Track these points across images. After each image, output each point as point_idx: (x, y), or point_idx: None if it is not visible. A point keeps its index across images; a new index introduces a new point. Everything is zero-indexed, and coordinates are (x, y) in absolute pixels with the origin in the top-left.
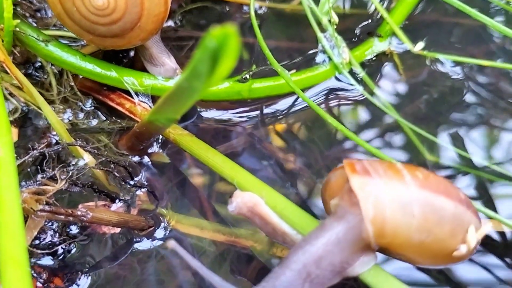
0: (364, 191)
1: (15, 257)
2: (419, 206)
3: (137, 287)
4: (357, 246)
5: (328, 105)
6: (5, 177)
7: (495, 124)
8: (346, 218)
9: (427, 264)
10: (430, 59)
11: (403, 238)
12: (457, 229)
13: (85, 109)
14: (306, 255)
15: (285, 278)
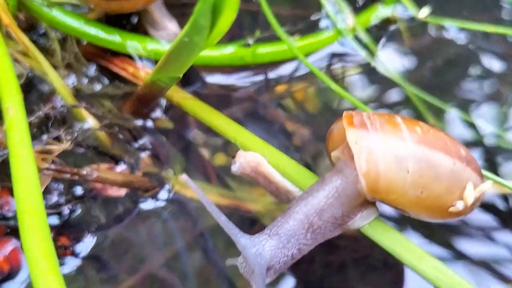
0: (359, 144)
1: (32, 208)
2: (414, 161)
3: (142, 248)
4: (356, 200)
5: (331, 71)
6: (18, 134)
7: (501, 91)
8: (343, 172)
9: (423, 217)
10: (435, 25)
11: (398, 193)
12: (455, 186)
13: (89, 75)
14: (308, 206)
15: (288, 226)
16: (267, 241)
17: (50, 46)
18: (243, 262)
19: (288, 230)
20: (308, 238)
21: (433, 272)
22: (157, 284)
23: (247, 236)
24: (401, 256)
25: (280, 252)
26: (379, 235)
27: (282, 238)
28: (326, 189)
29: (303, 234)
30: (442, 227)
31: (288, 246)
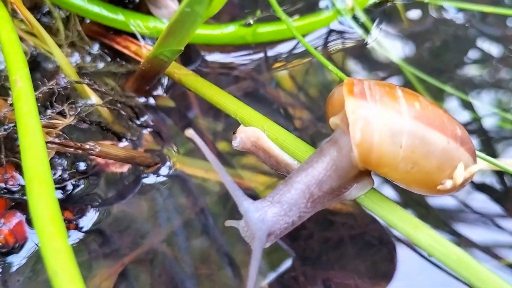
0: (356, 114)
1: (40, 175)
2: (408, 137)
3: (144, 224)
4: (351, 172)
5: (330, 50)
6: (26, 105)
7: (498, 73)
8: (339, 143)
9: (412, 190)
10: (434, 6)
11: (389, 167)
12: (445, 165)
13: (92, 53)
14: (308, 177)
15: (290, 195)
16: (270, 208)
17: (54, 25)
18: (244, 226)
19: (290, 199)
20: (308, 207)
21: (428, 241)
22: (158, 259)
23: (250, 201)
24: (396, 225)
25: (282, 219)
26: (375, 205)
27: (284, 206)
28: (325, 160)
29: (303, 203)
30: (437, 207)
31: (290, 214)
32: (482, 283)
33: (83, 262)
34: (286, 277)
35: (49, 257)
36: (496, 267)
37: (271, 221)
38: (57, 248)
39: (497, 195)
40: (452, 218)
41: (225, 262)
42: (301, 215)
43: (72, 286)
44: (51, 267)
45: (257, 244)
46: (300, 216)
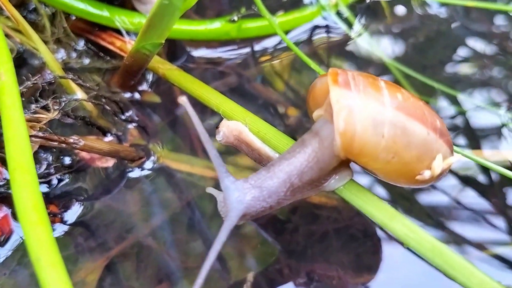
0: (340, 103)
1: (23, 165)
2: (390, 127)
3: (130, 218)
4: (332, 164)
5: (314, 46)
6: (9, 98)
7: (482, 68)
8: (320, 135)
9: (391, 181)
10: (417, 2)
11: (370, 156)
12: (425, 155)
13: (78, 49)
14: (291, 167)
15: (271, 183)
16: (250, 191)
17: (40, 22)
18: (222, 201)
19: (271, 186)
20: (287, 195)
21: (404, 230)
22: (144, 252)
23: (232, 179)
24: (373, 215)
25: (259, 204)
26: (353, 195)
27: (264, 192)
28: (307, 152)
29: (283, 192)
30: (421, 200)
31: (268, 200)
32: (456, 271)
33: (68, 256)
34: (271, 269)
35: (31, 243)
36: (480, 258)
37: (249, 203)
38: (40, 235)
39: (482, 189)
40: (436, 211)
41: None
42: (280, 201)
43: (53, 271)
44: (33, 253)
45: (228, 223)
46: (278, 202)
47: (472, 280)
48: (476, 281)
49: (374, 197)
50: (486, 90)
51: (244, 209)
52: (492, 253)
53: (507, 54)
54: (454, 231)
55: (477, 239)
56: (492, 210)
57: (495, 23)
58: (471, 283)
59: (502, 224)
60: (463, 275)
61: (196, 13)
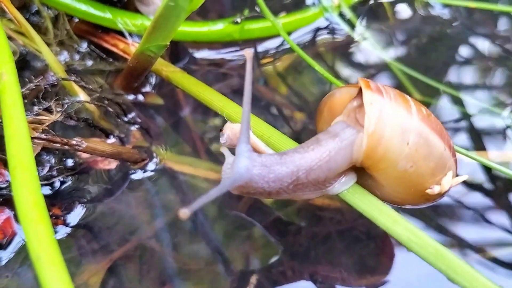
0: (373, 105)
1: (24, 163)
2: (415, 135)
3: (133, 220)
4: (343, 167)
5: (317, 47)
6: (11, 97)
7: (485, 69)
8: (340, 136)
9: (395, 196)
10: (419, 3)
11: (390, 162)
12: (438, 170)
13: (81, 51)
14: (301, 161)
15: (280, 169)
16: (259, 166)
17: (43, 24)
18: (230, 164)
19: (279, 172)
20: (290, 188)
21: (406, 234)
22: (147, 255)
23: (250, 148)
24: (376, 219)
25: (261, 183)
26: (356, 199)
27: (270, 175)
28: (321, 150)
29: (287, 183)
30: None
31: (271, 184)
32: (458, 275)
33: (71, 258)
34: (274, 271)
35: (31, 241)
36: (482, 262)
37: (253, 177)
38: (40, 233)
39: (486, 191)
40: (439, 213)
41: (214, 258)
42: (280, 192)
43: (54, 269)
44: (33, 251)
45: (227, 183)
46: (278, 192)
47: (475, 284)
48: (479, 286)
49: (378, 201)
50: (489, 91)
51: (247, 179)
52: (495, 257)
53: (510, 55)
54: (456, 234)
55: (479, 242)
56: (496, 213)
57: (498, 24)
58: (474, 287)
59: (505, 227)
60: (465, 280)
61: (198, 15)
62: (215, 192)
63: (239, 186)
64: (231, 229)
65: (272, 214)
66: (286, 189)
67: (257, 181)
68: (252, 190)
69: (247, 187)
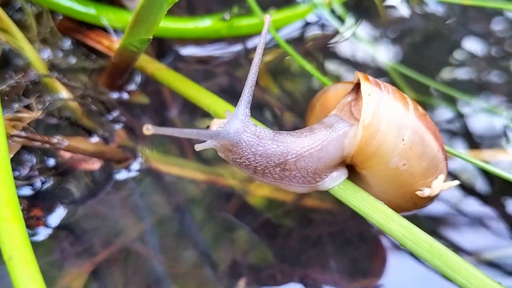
0: (371, 97)
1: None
2: (411, 132)
3: (117, 222)
4: (333, 161)
5: (307, 44)
6: None
7: (478, 68)
8: (334, 127)
9: (385, 195)
10: (413, 1)
11: (383, 157)
12: (431, 171)
13: (64, 49)
14: (293, 145)
15: (270, 147)
16: (250, 135)
17: (26, 21)
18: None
19: (268, 149)
20: (276, 171)
21: (400, 230)
22: (132, 257)
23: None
24: (368, 215)
25: (248, 154)
26: (348, 196)
27: (259, 148)
28: (314, 138)
29: (274, 163)
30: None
31: (258, 159)
32: (455, 272)
33: (53, 261)
34: (264, 274)
35: (4, 241)
36: (472, 264)
37: (241, 141)
38: (13, 232)
39: (480, 193)
40: (432, 217)
41: (201, 261)
42: (266, 172)
43: (26, 270)
44: (6, 251)
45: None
46: (264, 171)
47: (472, 281)
48: (476, 282)
49: (370, 197)
50: (483, 90)
51: (234, 141)
52: (489, 260)
53: (504, 52)
54: (450, 238)
55: (473, 246)
56: (490, 215)
57: (492, 22)
58: (471, 284)
59: (499, 230)
60: (462, 276)
61: (185, 11)
62: (193, 133)
63: (225, 148)
64: (219, 232)
65: (262, 216)
66: (272, 171)
67: (244, 148)
68: (238, 158)
69: (233, 151)
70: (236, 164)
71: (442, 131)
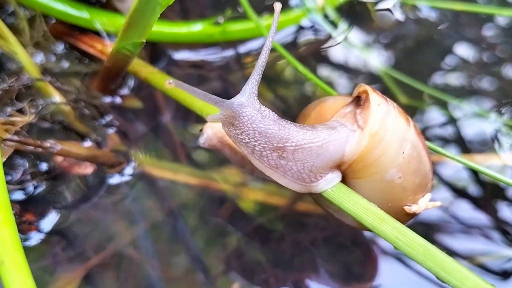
0: (380, 107)
1: None
2: (411, 147)
3: (110, 226)
4: (331, 161)
5: (300, 49)
6: None
7: (470, 72)
8: (337, 130)
9: None
10: (408, 6)
11: (381, 168)
12: (421, 188)
13: (57, 53)
14: (295, 134)
15: (270, 125)
16: (254, 110)
17: (19, 25)
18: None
19: (269, 129)
20: (273, 157)
21: (393, 233)
22: (125, 262)
23: (255, 90)
24: (362, 218)
25: (248, 129)
26: (341, 199)
27: (261, 125)
28: (315, 134)
29: (273, 146)
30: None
31: (257, 136)
32: (448, 273)
33: (45, 266)
34: (257, 279)
35: None
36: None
37: (244, 114)
38: (4, 237)
39: (473, 199)
40: (425, 223)
41: (194, 266)
42: (262, 156)
43: (18, 274)
44: None
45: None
46: (261, 154)
47: (466, 283)
48: (470, 284)
49: (363, 200)
50: (474, 95)
51: (237, 112)
52: (482, 264)
53: (496, 57)
54: (442, 243)
55: (466, 250)
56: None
57: (483, 27)
58: (464, 286)
59: (492, 234)
60: (456, 278)
61: (178, 15)
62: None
63: (229, 121)
64: (212, 236)
65: (255, 220)
66: (269, 155)
67: (245, 122)
68: (239, 133)
69: (235, 125)
70: (237, 140)
71: (434, 136)
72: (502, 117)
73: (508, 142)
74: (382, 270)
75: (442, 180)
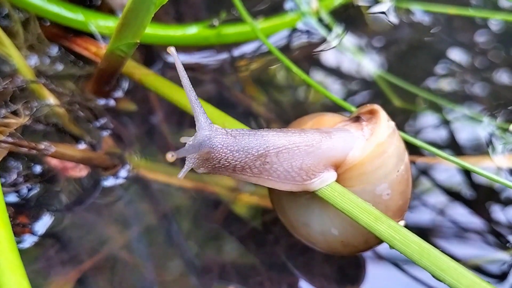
0: (389, 124)
1: None
2: (404, 168)
3: (104, 230)
4: (327, 159)
5: (294, 52)
6: None
7: (463, 76)
8: (332, 134)
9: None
10: (402, 10)
11: (375, 179)
12: (400, 211)
13: (52, 55)
14: (274, 138)
15: (247, 140)
16: (223, 136)
17: (13, 28)
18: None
19: (247, 143)
20: (255, 165)
21: (389, 231)
22: (119, 266)
23: (209, 121)
24: (357, 217)
25: (225, 153)
26: (336, 198)
27: (235, 145)
28: (303, 137)
29: (254, 156)
30: None
31: (235, 155)
32: (444, 272)
33: (39, 269)
34: (252, 282)
35: None
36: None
37: (216, 145)
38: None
39: (467, 202)
40: (419, 225)
41: (188, 269)
42: (245, 168)
43: (13, 276)
44: None
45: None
46: (243, 167)
47: (462, 281)
48: (466, 282)
49: (358, 199)
50: (467, 99)
51: (208, 147)
52: (478, 265)
53: (488, 62)
54: (438, 246)
55: (461, 253)
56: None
57: (476, 32)
58: (460, 284)
59: (485, 235)
60: (452, 276)
61: (173, 18)
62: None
63: (203, 159)
64: (206, 239)
65: (249, 223)
66: (252, 165)
67: (219, 150)
68: (217, 162)
69: (211, 159)
70: (216, 170)
71: (427, 140)
72: (495, 120)
73: (501, 145)
74: (376, 273)
75: (435, 183)
